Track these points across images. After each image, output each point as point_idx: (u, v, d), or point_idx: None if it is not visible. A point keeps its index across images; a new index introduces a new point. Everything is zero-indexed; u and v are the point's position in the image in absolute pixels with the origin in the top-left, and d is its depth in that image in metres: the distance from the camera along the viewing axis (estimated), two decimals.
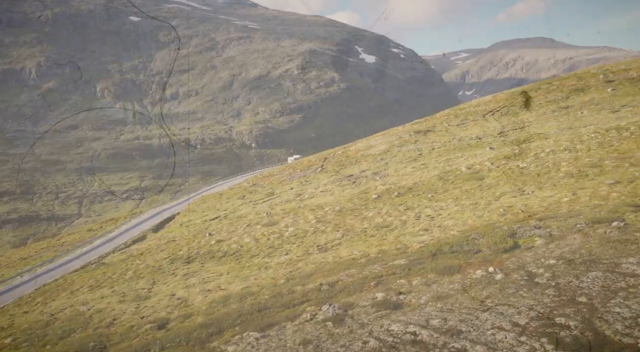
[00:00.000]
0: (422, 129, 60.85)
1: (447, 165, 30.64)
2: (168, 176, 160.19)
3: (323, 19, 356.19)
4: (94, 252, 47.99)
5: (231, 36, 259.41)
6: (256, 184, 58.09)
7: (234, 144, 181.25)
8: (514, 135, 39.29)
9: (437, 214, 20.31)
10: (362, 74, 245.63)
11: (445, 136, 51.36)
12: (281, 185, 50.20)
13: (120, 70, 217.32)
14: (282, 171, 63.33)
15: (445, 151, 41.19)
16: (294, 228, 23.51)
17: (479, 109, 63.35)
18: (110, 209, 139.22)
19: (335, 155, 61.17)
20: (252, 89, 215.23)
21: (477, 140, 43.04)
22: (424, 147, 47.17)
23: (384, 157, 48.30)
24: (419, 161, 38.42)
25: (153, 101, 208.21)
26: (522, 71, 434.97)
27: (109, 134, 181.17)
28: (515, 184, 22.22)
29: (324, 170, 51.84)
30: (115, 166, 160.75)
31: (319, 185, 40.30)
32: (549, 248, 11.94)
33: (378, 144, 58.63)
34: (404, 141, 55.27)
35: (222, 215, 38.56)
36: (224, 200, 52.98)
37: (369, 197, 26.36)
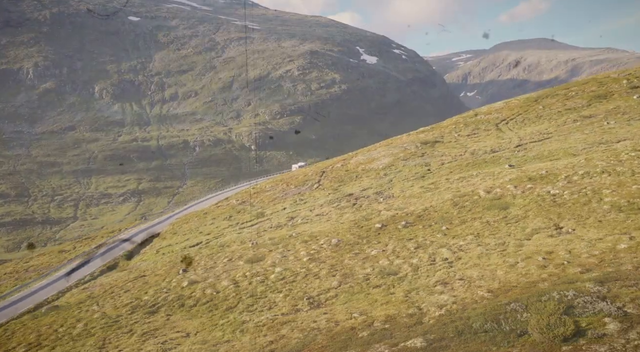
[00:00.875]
0: (429, 139, 56.01)
1: (461, 186, 26.74)
2: (166, 178, 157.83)
3: (324, 19, 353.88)
4: (53, 286, 42.05)
5: (231, 36, 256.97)
6: (245, 201, 53.35)
7: (233, 146, 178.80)
8: (535, 150, 34.89)
9: (456, 258, 16.22)
10: (363, 75, 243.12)
11: (456, 148, 47.06)
12: (273, 203, 45.70)
13: (119, 71, 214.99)
14: (275, 186, 58.03)
15: (457, 167, 36.87)
16: (281, 268, 19.10)
17: (490, 117, 59.25)
18: (107, 212, 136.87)
19: (333, 169, 56.23)
20: (252, 90, 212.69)
21: (493, 155, 38.65)
22: (433, 161, 43.08)
23: (388, 173, 43.91)
24: (428, 179, 34.26)
25: (152, 102, 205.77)
26: (524, 72, 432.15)
27: (107, 135, 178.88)
28: (548, 218, 17.94)
29: (320, 187, 47.53)
30: (112, 168, 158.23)
31: (314, 206, 35.90)
32: (629, 339, 8.51)
33: (381, 156, 53.79)
34: (409, 154, 50.45)
35: (203, 241, 34.13)
36: (208, 220, 48.36)
37: (372, 226, 22.12)
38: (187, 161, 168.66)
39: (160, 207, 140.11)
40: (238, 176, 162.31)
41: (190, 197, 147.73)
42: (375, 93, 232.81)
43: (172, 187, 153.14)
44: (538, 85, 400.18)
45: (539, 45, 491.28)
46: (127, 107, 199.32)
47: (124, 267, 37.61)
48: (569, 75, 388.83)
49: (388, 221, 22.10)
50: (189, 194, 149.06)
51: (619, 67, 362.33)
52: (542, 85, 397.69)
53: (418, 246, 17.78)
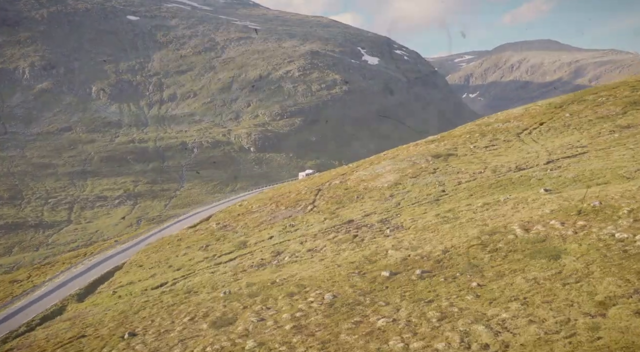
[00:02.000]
0: (441, 151, 49.36)
1: (487, 216, 21.54)
2: (163, 180, 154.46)
3: (325, 19, 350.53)
4: None
5: (231, 36, 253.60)
6: (227, 225, 46.31)
7: (232, 148, 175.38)
8: (573, 169, 29.08)
9: (503, 346, 9.84)
10: (365, 76, 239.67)
11: (473, 163, 40.90)
12: (258, 229, 39.34)
13: (117, 71, 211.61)
14: (263, 206, 50.92)
15: (478, 189, 31.49)
16: (254, 343, 13.08)
17: (510, 126, 52.98)
18: (102, 216, 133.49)
19: (331, 186, 49.46)
20: (252, 90, 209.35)
21: (520, 174, 32.76)
22: (447, 180, 37.14)
23: (395, 194, 37.67)
24: (444, 204, 28.95)
25: (150, 102, 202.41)
26: (527, 74, 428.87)
27: (104, 136, 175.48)
28: (624, 278, 11.44)
29: (315, 210, 40.97)
30: (108, 170, 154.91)
31: (306, 236, 29.98)
32: None
33: (386, 172, 47.05)
34: (419, 170, 43.98)
35: (169, 281, 28.47)
36: (182, 249, 41.51)
37: (377, 273, 16.59)
38: (185, 163, 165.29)
39: (156, 210, 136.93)
40: (237, 178, 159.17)
41: (188, 200, 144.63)
42: (377, 94, 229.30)
43: (169, 190, 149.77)
44: (541, 87, 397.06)
45: (542, 46, 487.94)
46: (124, 107, 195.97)
47: (70, 314, 31.14)
48: (573, 77, 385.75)
49: (398, 267, 16.90)
50: (186, 197, 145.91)
51: (623, 68, 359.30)
52: (545, 87, 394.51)
53: (442, 316, 11.88)
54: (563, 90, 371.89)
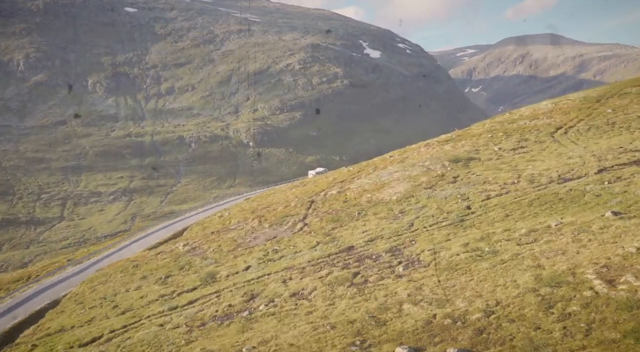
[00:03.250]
0: (459, 154, 41.27)
1: (539, 252, 16.02)
2: (159, 176, 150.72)
3: (327, 12, 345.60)
4: None
5: (230, 29, 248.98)
6: (197, 248, 38.06)
7: (230, 143, 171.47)
8: None
9: None
10: (366, 69, 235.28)
11: (502, 171, 33.61)
12: (233, 255, 31.96)
13: (114, 63, 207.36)
14: (244, 222, 42.09)
15: (516, 207, 24.70)
16: None
17: (539, 124, 45.28)
18: (95, 212, 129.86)
19: (327, 197, 41.02)
20: (251, 84, 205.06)
21: (567, 186, 26.17)
22: (472, 193, 29.99)
23: (406, 210, 30.57)
24: (472, 228, 22.58)
25: (147, 96, 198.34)
26: (531, 68, 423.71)
27: (99, 130, 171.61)
28: None
29: (306, 229, 33.41)
30: (103, 165, 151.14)
31: (292, 269, 23.46)
32: None
33: (394, 180, 38.90)
34: (435, 178, 36.34)
35: (104, 336, 21.32)
36: (136, 280, 33.05)
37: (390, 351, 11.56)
38: (182, 158, 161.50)
39: (152, 207, 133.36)
40: (235, 173, 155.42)
41: (184, 196, 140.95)
42: (379, 88, 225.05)
43: (165, 186, 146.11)
44: (545, 82, 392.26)
45: (545, 40, 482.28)
46: (121, 101, 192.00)
47: None
48: (577, 71, 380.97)
49: (419, 337, 11.63)
50: (183, 193, 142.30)
51: (629, 63, 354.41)
52: (548, 82, 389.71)
53: None
54: (567, 84, 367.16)
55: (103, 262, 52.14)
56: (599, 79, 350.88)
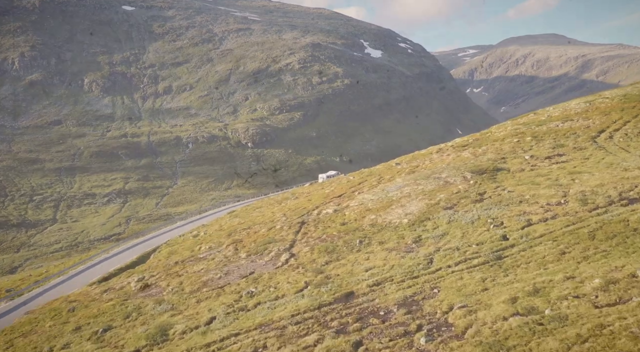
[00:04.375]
0: (483, 164, 34.40)
1: (634, 322, 11.20)
2: (155, 177, 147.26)
3: (327, 11, 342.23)
4: None
5: (230, 28, 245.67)
6: (152, 285, 30.91)
7: (228, 143, 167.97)
8: None
9: None
10: (367, 69, 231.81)
11: (542, 187, 27.28)
12: (196, 298, 25.13)
13: (110, 63, 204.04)
14: (218, 249, 34.96)
15: (572, 239, 18.96)
16: None
17: (575, 126, 39.61)
18: (89, 215, 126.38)
19: (321, 217, 34.24)
20: (250, 83, 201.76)
21: (635, 210, 20.67)
22: (506, 216, 23.94)
23: (422, 238, 24.72)
24: (516, 270, 17.04)
25: (144, 95, 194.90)
26: (533, 68, 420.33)
27: (95, 130, 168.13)
28: None
29: (292, 263, 26.80)
30: (98, 166, 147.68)
31: (269, 326, 17.63)
32: None
33: (404, 196, 32.42)
34: (456, 194, 30.07)
35: None
36: (66, 333, 25.52)
37: None
38: (179, 159, 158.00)
39: (147, 209, 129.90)
40: (232, 175, 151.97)
41: (180, 198, 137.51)
42: (380, 88, 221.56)
43: (161, 187, 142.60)
44: (547, 82, 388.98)
45: (548, 40, 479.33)
46: (117, 100, 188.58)
47: None
48: (579, 72, 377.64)
49: None
50: (179, 195, 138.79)
51: (632, 63, 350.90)
52: (551, 82, 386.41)
53: None
54: (570, 85, 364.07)
55: (43, 296, 44.05)
56: (602, 80, 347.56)
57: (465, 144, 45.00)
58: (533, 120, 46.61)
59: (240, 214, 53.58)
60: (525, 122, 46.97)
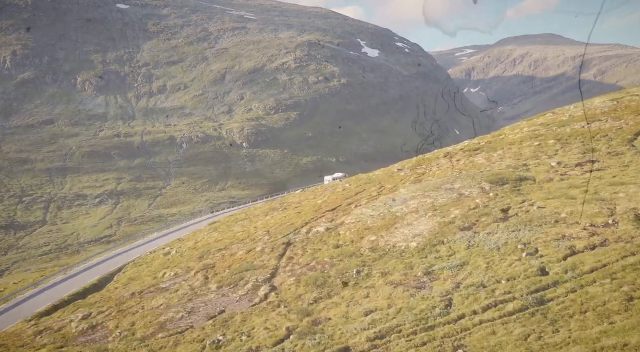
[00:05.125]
0: (503, 173, 29.47)
1: None
2: (148, 178, 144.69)
3: (324, 10, 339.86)
4: None
5: (226, 27, 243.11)
6: (97, 327, 25.64)
7: (223, 144, 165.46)
8: None
9: None
10: (364, 69, 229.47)
11: (580, 201, 22.83)
12: (147, 346, 20.82)
13: (104, 62, 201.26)
14: (184, 277, 29.62)
15: (628, 275, 15.08)
16: None
17: (604, 127, 34.81)
18: (80, 216, 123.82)
19: (310, 237, 29.43)
20: (246, 83, 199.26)
21: None
22: (540, 241, 19.62)
23: (434, 269, 20.49)
24: (564, 322, 13.22)
25: (138, 95, 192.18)
26: (531, 68, 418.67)
27: (87, 130, 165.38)
28: None
29: (272, 299, 22.41)
30: (90, 166, 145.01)
31: None
32: None
33: (411, 212, 27.37)
34: (473, 211, 25.28)
35: None
36: None
37: None
38: (172, 159, 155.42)
39: (139, 210, 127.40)
40: (227, 176, 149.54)
41: (174, 199, 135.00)
42: (377, 88, 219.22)
43: (154, 188, 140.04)
44: (545, 82, 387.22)
45: (545, 40, 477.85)
46: (111, 100, 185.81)
47: None
48: (577, 72, 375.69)
49: None
50: (173, 196, 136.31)
51: (630, 63, 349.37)
52: (549, 82, 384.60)
53: None
54: (567, 85, 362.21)
55: None
56: (600, 80, 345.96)
57: (477, 147, 40.35)
58: (553, 120, 41.83)
59: (220, 227, 48.72)
60: (544, 122, 42.25)
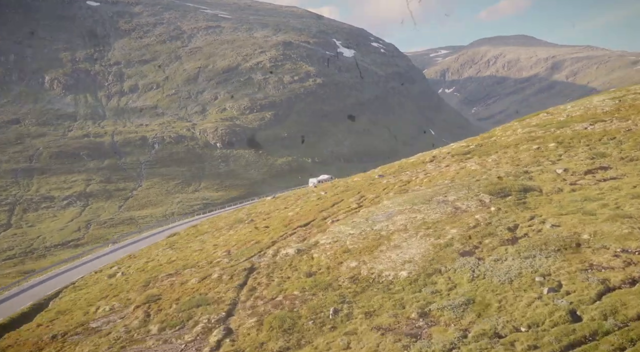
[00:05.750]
0: (502, 182, 25.60)
1: None
2: (119, 179, 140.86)
3: (299, 10, 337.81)
4: None
5: (199, 25, 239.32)
6: None
7: (196, 144, 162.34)
8: None
9: None
10: (340, 68, 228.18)
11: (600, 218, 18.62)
12: None
13: (73, 60, 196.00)
14: (124, 310, 24.04)
15: None
16: None
17: (610, 129, 31.53)
18: (47, 219, 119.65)
19: (278, 261, 24.21)
20: (220, 82, 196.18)
21: None
22: (563, 273, 15.34)
23: (432, 308, 15.79)
24: None
25: (108, 94, 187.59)
26: (504, 69, 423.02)
27: (55, 130, 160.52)
28: None
29: (226, 348, 16.68)
30: (57, 167, 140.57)
31: None
32: None
33: (398, 230, 22.84)
34: (472, 229, 20.91)
35: None
36: None
37: None
38: (144, 160, 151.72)
39: (109, 213, 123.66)
40: (200, 177, 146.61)
41: (145, 201, 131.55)
42: (353, 88, 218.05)
43: (125, 190, 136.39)
44: (518, 83, 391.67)
45: (518, 41, 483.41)
46: (80, 99, 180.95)
47: None
48: (550, 73, 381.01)
49: None
50: (144, 198, 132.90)
51: (600, 64, 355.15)
52: (522, 83, 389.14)
53: None
54: (540, 86, 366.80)
55: None
56: (572, 81, 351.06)
57: (466, 151, 36.87)
58: (549, 121, 38.58)
59: (178, 241, 42.70)
60: (538, 123, 38.86)
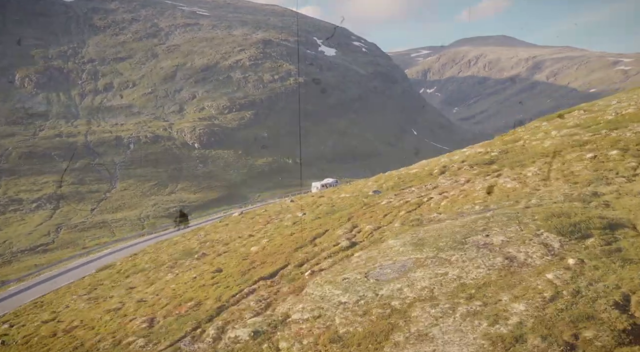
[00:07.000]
0: (569, 211, 15.16)
1: None
2: (92, 180, 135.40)
3: (280, 8, 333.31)
4: None
5: (177, 22, 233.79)
6: None
7: (173, 144, 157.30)
8: None
9: None
10: (321, 67, 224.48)
11: None
12: None
13: (45, 57, 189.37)
14: None
15: None
16: None
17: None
18: (14, 222, 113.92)
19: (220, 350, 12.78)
20: (198, 81, 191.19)
21: None
22: None
23: None
24: None
25: (82, 92, 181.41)
26: (485, 69, 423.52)
27: (26, 129, 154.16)
28: None
29: None
30: (27, 168, 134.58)
31: None
32: None
33: (419, 300, 11.39)
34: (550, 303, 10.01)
35: None
36: None
37: None
38: (119, 161, 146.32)
39: (81, 216, 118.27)
40: (178, 178, 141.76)
41: (119, 203, 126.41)
42: (334, 87, 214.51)
43: (98, 192, 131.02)
44: (499, 83, 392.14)
45: (499, 42, 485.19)
46: (53, 97, 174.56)
47: None
48: (530, 73, 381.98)
49: None
50: (118, 200, 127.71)
51: (580, 65, 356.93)
52: (503, 83, 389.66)
53: None
54: (521, 86, 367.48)
55: None
56: (553, 81, 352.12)
57: (489, 159, 28.31)
58: (593, 120, 29.87)
59: (103, 282, 34.04)
60: (579, 123, 29.92)
